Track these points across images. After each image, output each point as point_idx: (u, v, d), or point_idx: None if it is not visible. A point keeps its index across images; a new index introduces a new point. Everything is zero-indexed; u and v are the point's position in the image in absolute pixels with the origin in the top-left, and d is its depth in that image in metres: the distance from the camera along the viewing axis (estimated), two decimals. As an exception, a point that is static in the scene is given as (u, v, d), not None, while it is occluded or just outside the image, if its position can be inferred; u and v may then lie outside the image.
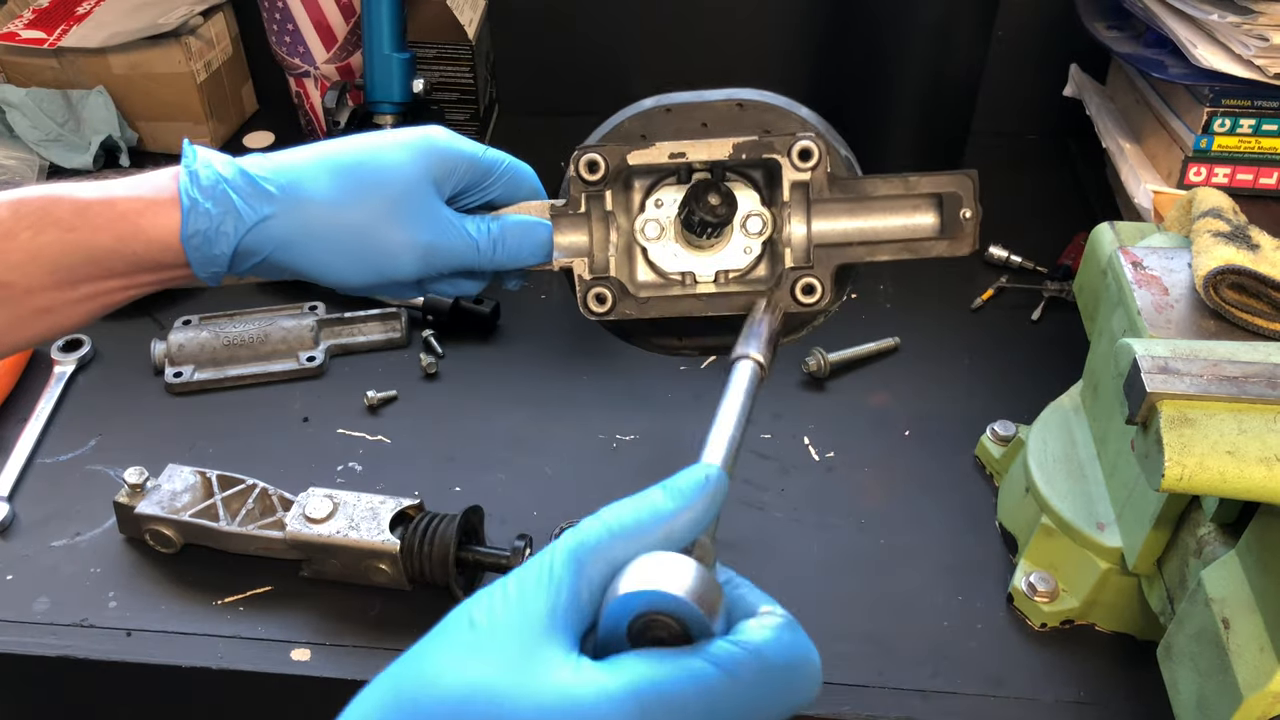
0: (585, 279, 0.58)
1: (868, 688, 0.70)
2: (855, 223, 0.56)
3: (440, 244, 0.57)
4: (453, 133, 0.59)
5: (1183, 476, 0.56)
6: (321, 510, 0.75)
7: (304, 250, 0.55)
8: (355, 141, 0.57)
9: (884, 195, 0.56)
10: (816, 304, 0.56)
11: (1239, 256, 0.67)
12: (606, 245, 0.57)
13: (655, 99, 0.58)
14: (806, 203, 0.56)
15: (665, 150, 0.56)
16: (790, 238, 0.56)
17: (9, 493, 0.82)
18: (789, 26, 1.22)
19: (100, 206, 0.53)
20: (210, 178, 0.54)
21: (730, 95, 0.57)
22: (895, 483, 0.84)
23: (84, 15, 1.19)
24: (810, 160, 0.55)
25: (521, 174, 0.61)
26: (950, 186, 0.56)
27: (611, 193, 0.57)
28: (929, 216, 0.56)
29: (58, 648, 0.72)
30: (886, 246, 0.56)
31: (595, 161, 0.55)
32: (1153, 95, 1.03)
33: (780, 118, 0.57)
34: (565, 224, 0.58)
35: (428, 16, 1.12)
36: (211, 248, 0.54)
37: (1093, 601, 0.72)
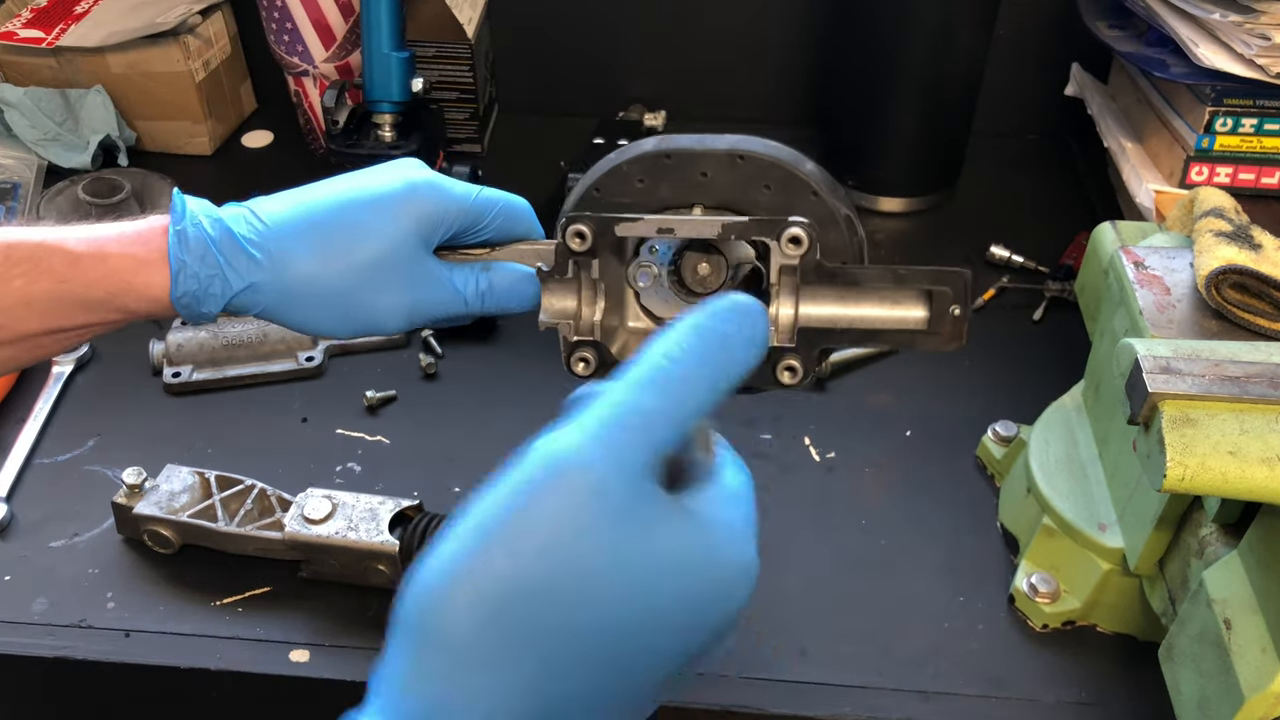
0: (570, 341, 0.58)
1: (868, 688, 0.70)
2: (843, 309, 0.55)
3: (426, 302, 0.57)
4: (441, 176, 0.58)
5: (1184, 477, 0.56)
6: (320, 511, 0.74)
7: (289, 310, 0.56)
8: (340, 193, 0.57)
9: (874, 286, 0.55)
10: (796, 385, 0.56)
11: (1241, 256, 0.67)
12: (594, 308, 0.57)
13: (657, 141, 0.57)
14: (796, 285, 0.55)
15: (653, 225, 0.54)
16: (777, 317, 0.56)
17: (7, 493, 0.82)
18: (789, 26, 1.22)
19: (93, 260, 0.53)
20: (198, 239, 0.54)
21: (733, 146, 0.56)
22: (896, 483, 0.84)
23: (82, 14, 1.19)
24: (800, 247, 0.54)
25: (517, 211, 0.60)
26: (941, 283, 0.55)
27: (600, 258, 0.56)
28: (918, 310, 0.55)
29: (56, 648, 0.72)
30: (872, 336, 0.56)
31: (583, 232, 0.55)
32: (1154, 95, 1.03)
33: (783, 175, 0.56)
34: (553, 286, 0.57)
35: (427, 15, 1.11)
36: (200, 306, 0.55)
37: (1094, 602, 0.72)
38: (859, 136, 1.12)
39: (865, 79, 1.07)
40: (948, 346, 0.56)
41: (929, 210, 1.14)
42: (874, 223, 1.13)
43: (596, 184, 0.57)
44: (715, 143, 0.56)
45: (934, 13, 1.01)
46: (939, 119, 1.09)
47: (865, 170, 1.12)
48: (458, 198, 0.58)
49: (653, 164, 0.56)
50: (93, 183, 1.04)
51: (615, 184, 0.57)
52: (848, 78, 1.09)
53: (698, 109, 1.27)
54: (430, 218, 0.57)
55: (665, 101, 1.26)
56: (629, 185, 0.56)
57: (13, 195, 1.08)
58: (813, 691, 0.70)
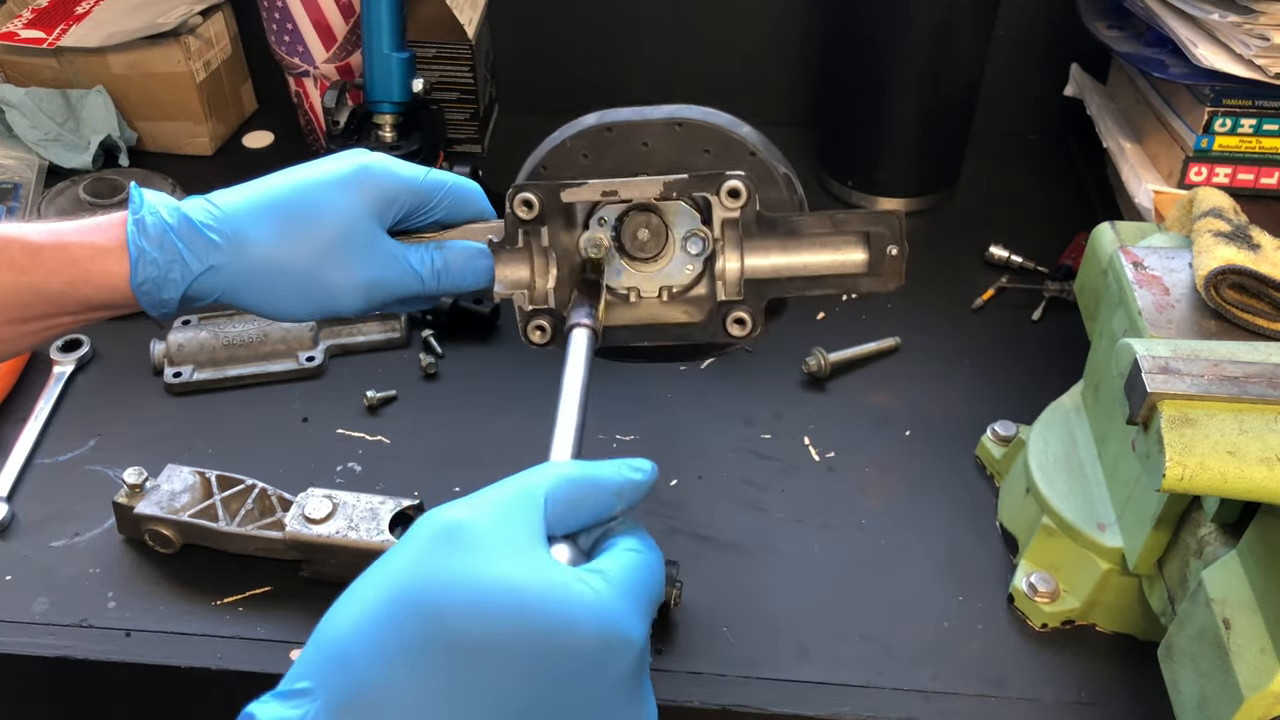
0: (525, 310, 0.60)
1: (868, 688, 0.70)
2: (786, 258, 0.58)
3: (383, 279, 0.58)
4: (389, 158, 0.60)
5: (1183, 477, 0.56)
6: (321, 510, 0.75)
7: (249, 292, 0.57)
8: (294, 179, 0.58)
9: (814, 233, 0.57)
10: (747, 336, 0.58)
11: (1240, 256, 0.67)
12: (546, 276, 0.58)
13: (598, 116, 0.59)
14: (739, 238, 0.57)
15: (598, 188, 0.56)
16: (724, 271, 0.58)
17: (8, 493, 0.82)
18: (789, 26, 1.22)
19: (52, 250, 0.54)
20: (157, 226, 0.55)
21: (671, 114, 0.58)
22: (896, 483, 0.84)
23: (83, 15, 1.19)
24: (739, 199, 0.56)
25: (467, 193, 0.61)
26: (877, 225, 0.57)
27: (549, 227, 0.57)
28: (858, 253, 0.58)
29: (57, 648, 0.72)
30: (817, 281, 0.58)
31: (530, 200, 0.57)
32: (1154, 95, 1.03)
33: (720, 138, 0.57)
34: (505, 258, 0.59)
35: (427, 16, 1.12)
36: (160, 293, 0.56)
37: (1093, 602, 0.72)
38: (859, 136, 1.12)
39: (865, 79, 1.07)
40: (888, 286, 0.58)
41: (929, 210, 1.14)
42: (874, 223, 1.13)
43: (543, 161, 0.59)
44: (653, 113, 0.57)
45: (934, 13, 1.01)
46: (939, 119, 1.09)
47: (865, 170, 1.12)
48: (407, 178, 0.59)
49: (595, 138, 0.58)
50: (94, 183, 1.04)
51: (561, 159, 0.58)
52: (848, 78, 1.09)
53: (698, 109, 1.27)
54: (382, 196, 0.58)
55: (665, 101, 1.25)
56: (574, 160, 0.58)
57: (13, 195, 1.08)
58: (813, 691, 0.70)
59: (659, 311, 0.61)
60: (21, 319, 0.56)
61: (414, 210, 0.60)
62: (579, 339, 0.53)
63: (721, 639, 0.72)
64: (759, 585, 0.76)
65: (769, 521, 0.81)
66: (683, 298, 0.60)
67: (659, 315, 0.61)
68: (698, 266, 0.60)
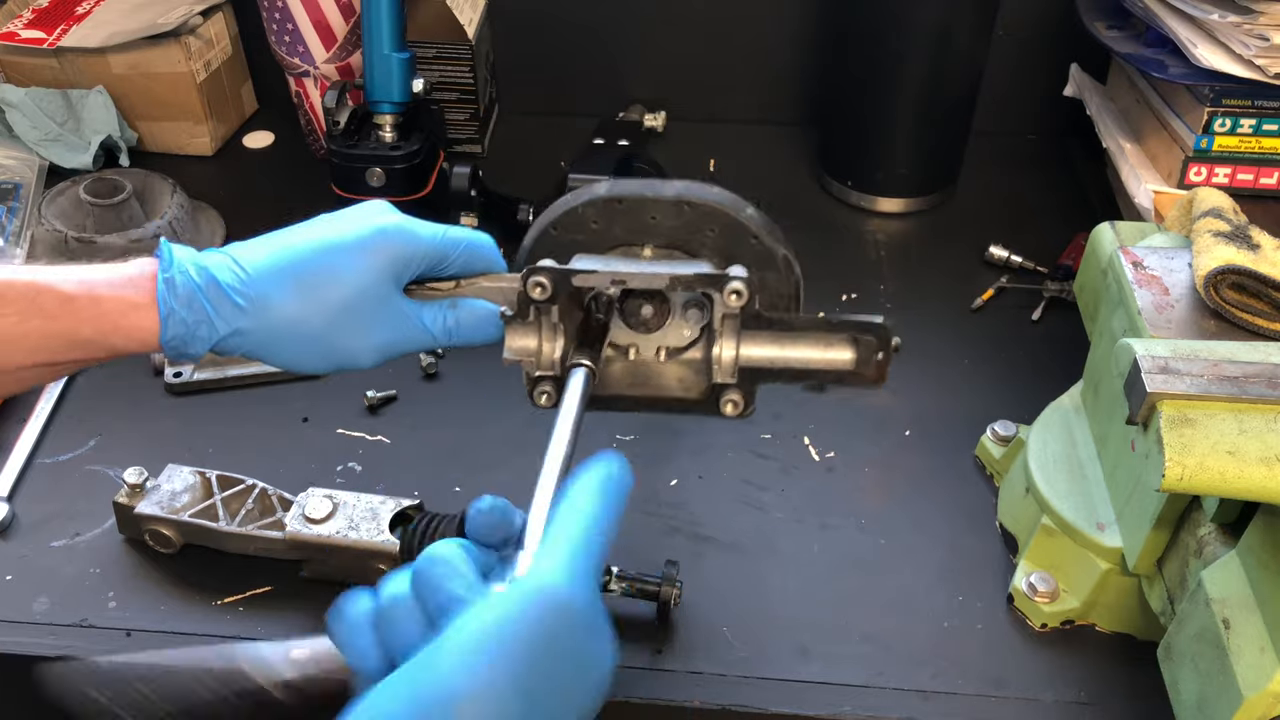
0: (532, 376, 0.63)
1: (868, 688, 0.70)
2: (779, 351, 0.62)
3: (397, 340, 0.61)
4: (407, 219, 0.62)
5: (1183, 476, 0.56)
6: (321, 510, 0.75)
7: (271, 350, 0.60)
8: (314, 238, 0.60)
9: (807, 331, 0.61)
10: (739, 416, 0.63)
11: (1239, 256, 0.67)
12: (554, 345, 0.62)
13: (609, 187, 0.62)
14: (737, 329, 0.61)
15: (607, 277, 0.60)
16: (720, 357, 0.61)
17: (8, 493, 0.82)
18: (789, 26, 1.22)
19: (85, 300, 0.56)
20: (185, 286, 0.57)
21: (680, 194, 0.61)
22: (895, 483, 0.84)
23: (83, 15, 1.19)
24: (740, 299, 0.59)
25: (480, 248, 0.64)
26: (866, 334, 0.61)
27: (559, 304, 0.61)
28: (846, 353, 0.62)
29: (58, 648, 0.72)
30: (806, 374, 0.62)
31: (543, 283, 0.59)
32: (1153, 95, 1.03)
33: (725, 221, 0.61)
34: (515, 328, 0.62)
35: (428, 16, 1.12)
36: (187, 349, 0.58)
37: (1093, 602, 0.72)
38: (859, 136, 1.12)
39: (865, 79, 1.07)
40: (873, 385, 0.63)
41: (929, 210, 1.14)
42: (874, 223, 1.13)
43: (554, 223, 0.61)
44: (663, 189, 0.61)
45: (934, 13, 1.01)
46: (939, 119, 1.09)
47: (865, 170, 1.12)
48: (425, 239, 0.61)
49: (605, 207, 0.61)
50: (94, 183, 1.04)
51: (571, 224, 0.62)
52: (848, 78, 1.09)
53: (698, 109, 1.27)
54: (400, 259, 0.60)
55: (665, 101, 1.26)
56: (584, 225, 0.61)
57: (14, 196, 1.08)
58: (812, 691, 0.70)
59: (656, 370, 0.65)
60: (50, 362, 0.58)
61: (430, 268, 0.62)
62: (577, 378, 0.57)
63: (721, 639, 0.72)
64: (759, 585, 0.76)
65: (769, 521, 0.81)
66: (678, 358, 0.64)
67: (656, 374, 0.65)
68: (695, 332, 0.63)
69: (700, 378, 0.64)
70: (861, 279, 1.05)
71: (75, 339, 0.57)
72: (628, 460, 0.51)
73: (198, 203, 1.10)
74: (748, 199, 0.63)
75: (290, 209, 1.13)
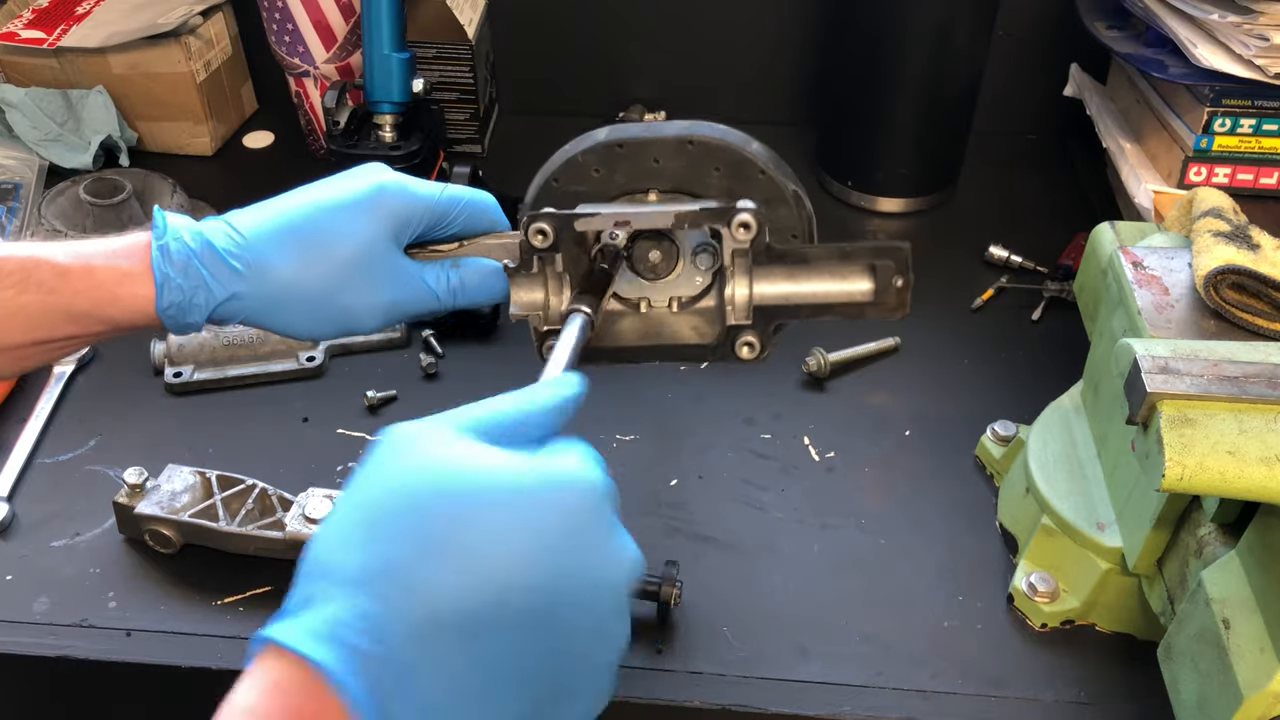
0: (540, 330, 0.60)
1: (868, 688, 0.70)
2: (794, 286, 0.59)
3: (400, 299, 0.59)
4: (405, 177, 0.60)
5: (1183, 476, 0.56)
6: (321, 510, 0.75)
7: (270, 315, 0.58)
8: (312, 200, 0.59)
9: (822, 262, 0.58)
10: (756, 358, 0.60)
11: (1239, 256, 0.67)
12: (560, 298, 0.60)
13: (609, 131, 0.59)
14: (749, 266, 0.58)
15: (610, 219, 0.57)
16: (733, 297, 0.59)
17: (8, 493, 0.82)
18: (789, 26, 1.22)
19: (79, 272, 0.55)
20: (180, 252, 0.56)
21: (683, 132, 0.58)
22: (895, 483, 0.84)
23: (83, 15, 1.19)
24: (750, 231, 0.56)
25: (482, 206, 0.62)
26: (883, 257, 0.58)
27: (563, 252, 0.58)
28: (864, 283, 0.59)
29: (57, 648, 0.72)
30: (823, 309, 0.59)
31: (544, 230, 0.57)
32: (1153, 95, 1.03)
33: (731, 156, 0.58)
34: (520, 281, 0.60)
35: (428, 16, 1.12)
36: (185, 317, 0.57)
37: (1093, 602, 0.72)
38: (859, 136, 1.12)
39: (865, 79, 1.07)
40: (894, 315, 0.59)
41: (929, 210, 1.14)
42: (874, 223, 1.13)
43: (555, 175, 0.59)
44: (665, 130, 0.58)
45: (934, 13, 1.01)
46: (939, 119, 1.09)
47: (865, 170, 1.12)
48: (424, 196, 0.59)
49: (606, 153, 0.58)
50: (94, 183, 1.04)
51: (572, 174, 0.59)
52: (848, 78, 1.09)
53: (698, 109, 1.26)
54: (399, 217, 0.58)
55: (665, 101, 1.26)
56: (586, 174, 0.58)
57: (14, 196, 1.08)
58: (812, 691, 0.70)
59: (669, 322, 0.62)
60: (48, 338, 0.57)
61: (431, 227, 0.60)
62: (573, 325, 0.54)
63: (721, 639, 0.73)
64: (759, 585, 0.76)
65: (769, 521, 0.81)
66: (691, 308, 0.61)
67: (669, 326, 0.62)
68: (707, 279, 0.61)
69: (714, 324, 0.61)
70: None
71: (71, 311, 0.55)
72: None
73: (198, 203, 1.10)
74: None
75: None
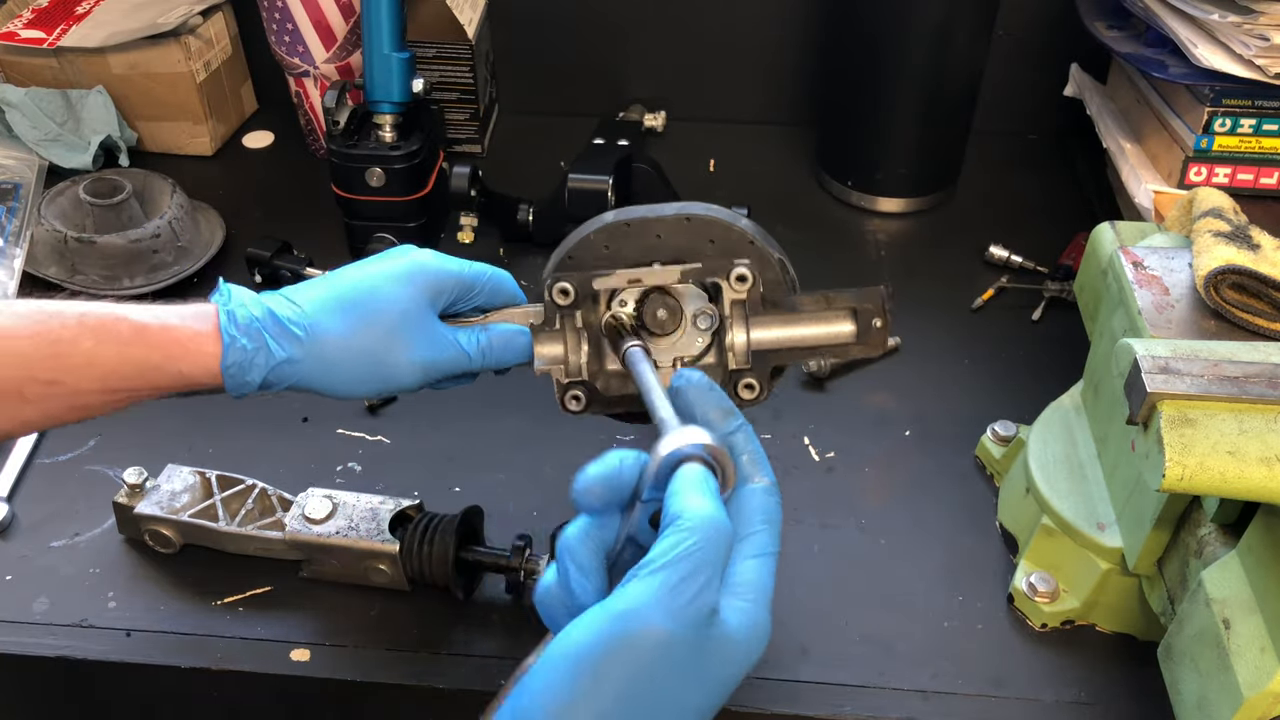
0: (562, 383, 0.68)
1: (868, 688, 0.70)
2: (786, 331, 0.66)
3: (437, 359, 0.66)
4: (437, 254, 0.68)
5: (1183, 477, 0.56)
6: (321, 511, 0.75)
7: (321, 377, 0.64)
8: (359, 275, 0.66)
9: (809, 309, 0.66)
10: (756, 399, 0.67)
11: (1240, 256, 0.67)
12: (579, 353, 0.67)
13: (616, 214, 0.66)
14: (745, 316, 0.66)
15: (624, 276, 0.65)
16: (733, 344, 0.66)
17: (8, 493, 0.82)
18: (789, 26, 1.22)
19: (156, 329, 0.61)
20: (246, 318, 0.62)
21: (680, 211, 0.66)
22: (895, 483, 0.84)
23: (83, 15, 1.19)
24: (746, 283, 0.64)
25: (501, 281, 0.69)
26: (864, 301, 0.66)
27: (582, 310, 0.66)
28: (847, 325, 0.66)
29: (57, 648, 0.72)
30: (813, 350, 0.67)
31: (566, 288, 0.65)
32: (1153, 95, 1.03)
33: (723, 230, 0.65)
34: (543, 337, 0.67)
35: (428, 16, 1.12)
36: (244, 375, 0.62)
37: (1093, 602, 0.72)
38: (859, 136, 1.12)
39: (865, 79, 1.07)
40: (874, 353, 0.67)
41: (929, 210, 1.14)
42: (874, 223, 1.13)
43: (570, 251, 0.67)
44: (665, 210, 0.66)
45: (934, 13, 1.01)
46: (939, 119, 1.09)
47: (865, 170, 1.12)
48: (454, 270, 0.67)
49: (615, 231, 0.66)
50: (94, 183, 1.04)
51: (586, 250, 0.66)
52: (848, 78, 1.09)
53: (698, 109, 1.27)
54: (433, 287, 0.66)
55: (665, 101, 1.26)
56: (597, 250, 0.66)
57: (14, 195, 1.08)
58: (813, 691, 0.70)
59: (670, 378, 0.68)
60: (116, 387, 0.61)
61: (460, 298, 0.67)
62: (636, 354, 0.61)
63: (721, 639, 0.72)
64: (759, 585, 0.76)
65: (769, 521, 0.81)
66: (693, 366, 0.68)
67: None
68: (706, 339, 0.67)
69: (715, 372, 0.68)
70: (861, 279, 1.04)
71: (146, 364, 0.61)
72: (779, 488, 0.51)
73: (197, 203, 1.10)
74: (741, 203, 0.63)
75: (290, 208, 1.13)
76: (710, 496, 0.45)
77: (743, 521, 0.49)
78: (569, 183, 1.02)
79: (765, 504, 0.49)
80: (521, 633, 0.73)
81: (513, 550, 0.73)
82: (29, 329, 0.59)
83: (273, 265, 1.01)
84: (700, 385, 0.53)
